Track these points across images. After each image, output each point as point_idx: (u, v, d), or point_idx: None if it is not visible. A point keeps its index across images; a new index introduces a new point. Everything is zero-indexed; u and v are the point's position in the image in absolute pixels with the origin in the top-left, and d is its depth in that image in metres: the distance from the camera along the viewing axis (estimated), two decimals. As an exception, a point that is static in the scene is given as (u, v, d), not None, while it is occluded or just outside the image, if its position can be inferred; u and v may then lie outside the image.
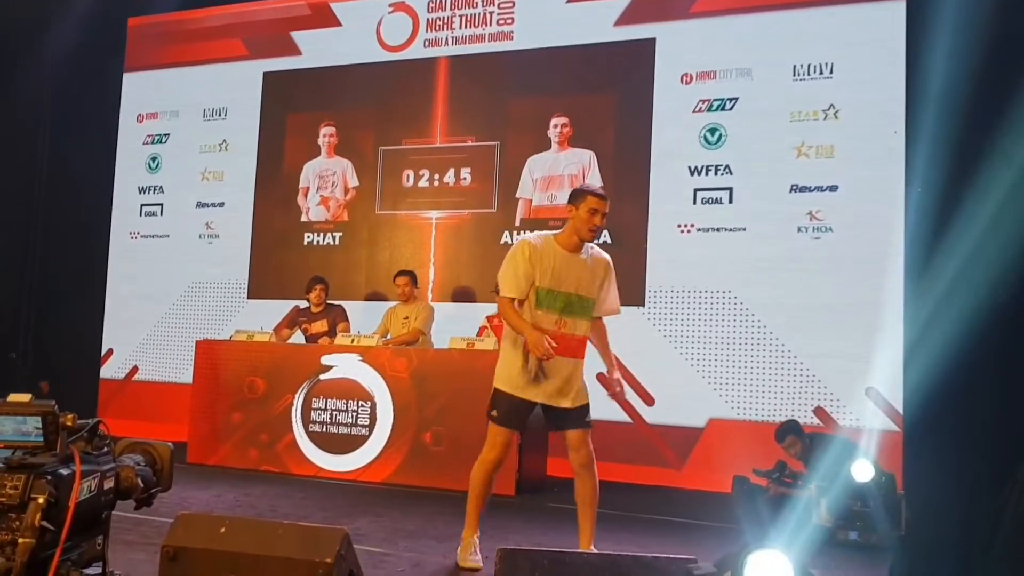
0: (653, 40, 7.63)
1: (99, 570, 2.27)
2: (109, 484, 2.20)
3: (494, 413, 4.11)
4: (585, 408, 4.08)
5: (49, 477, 2.02)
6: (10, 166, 9.76)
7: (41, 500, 1.99)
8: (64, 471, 2.06)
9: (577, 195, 4.13)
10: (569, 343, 4.05)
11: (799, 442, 5.91)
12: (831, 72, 7.13)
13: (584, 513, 4.02)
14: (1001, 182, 6.12)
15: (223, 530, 2.77)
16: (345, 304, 7.83)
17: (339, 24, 8.82)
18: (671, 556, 2.45)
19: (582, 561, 2.45)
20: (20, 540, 1.97)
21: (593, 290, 4.16)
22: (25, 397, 2.10)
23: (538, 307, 4.02)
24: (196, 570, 2.71)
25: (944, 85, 6.37)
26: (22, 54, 9.55)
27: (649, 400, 7.32)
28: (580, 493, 4.04)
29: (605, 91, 7.85)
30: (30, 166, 10.08)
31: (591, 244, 4.21)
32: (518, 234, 7.97)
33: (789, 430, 6.01)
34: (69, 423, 2.10)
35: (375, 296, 8.35)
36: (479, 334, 7.00)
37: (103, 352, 9.46)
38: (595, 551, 2.49)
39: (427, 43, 8.50)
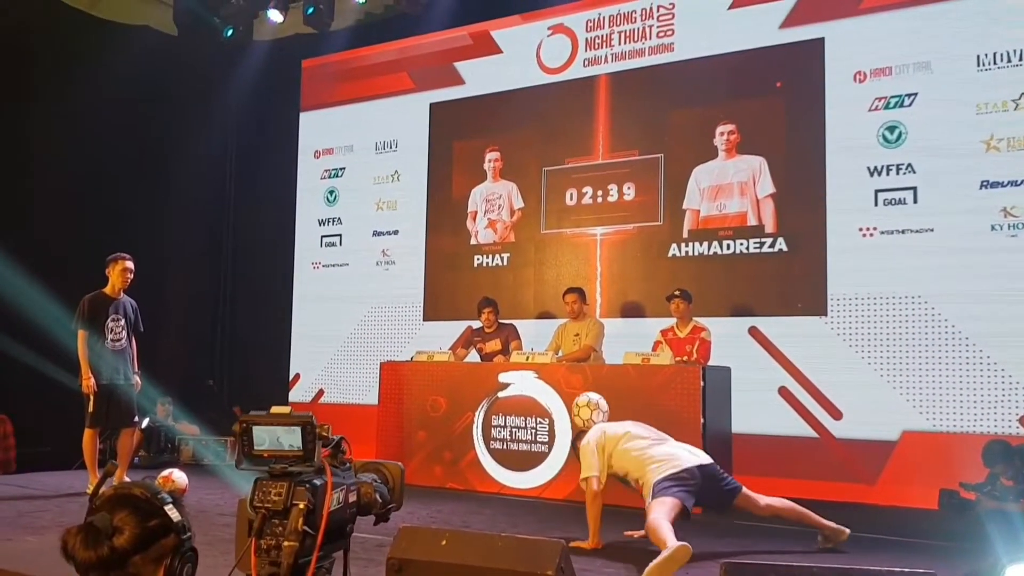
0: (822, 40, 7.40)
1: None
2: (352, 498, 2.30)
3: None
4: None
5: (308, 485, 2.13)
6: (202, 208, 10.54)
7: (302, 506, 2.09)
8: (318, 481, 2.17)
9: None
10: None
11: (1010, 468, 5.53)
12: (1020, 59, 6.70)
13: None
14: None
15: (444, 543, 2.87)
16: (516, 323, 7.97)
17: (500, 51, 9.04)
18: (908, 570, 2.34)
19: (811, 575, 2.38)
20: (285, 544, 2.09)
21: None
22: (285, 409, 2.21)
23: None
24: (421, 581, 2.83)
25: None
26: (208, 102, 10.32)
27: (836, 414, 7.04)
28: None
29: (773, 95, 7.67)
30: (219, 206, 10.86)
31: None
32: (686, 246, 7.88)
33: (999, 457, 5.62)
34: (324, 433, 2.21)
35: (545, 314, 8.45)
36: (654, 348, 6.94)
37: (291, 377, 10.02)
38: (825, 565, 2.40)
39: (587, 62, 8.57)
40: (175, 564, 1.62)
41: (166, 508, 1.64)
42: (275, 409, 2.19)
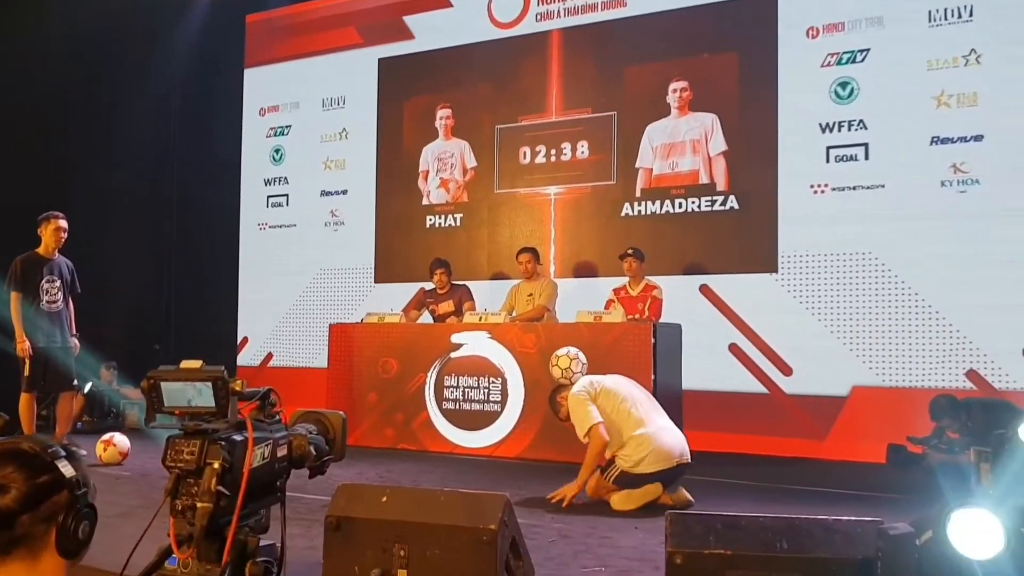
0: (775, -6, 7.33)
1: (272, 541, 2.27)
2: (282, 452, 2.20)
3: None
4: None
5: (223, 443, 2.02)
6: (145, 167, 10.20)
7: (216, 465, 1.99)
8: (237, 437, 2.06)
9: None
10: None
11: (956, 421, 5.59)
12: (970, 15, 6.69)
13: None
14: None
15: (385, 499, 2.78)
16: (469, 284, 7.86)
17: (450, 5, 8.83)
18: (854, 518, 2.31)
19: (758, 525, 2.33)
20: (199, 505, 1.98)
21: None
22: (196, 363, 2.08)
23: None
24: (360, 539, 2.73)
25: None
26: (149, 59, 9.96)
27: (786, 370, 7.07)
28: None
29: (725, 52, 7.58)
30: (162, 168, 10.53)
31: None
32: (638, 205, 7.82)
33: (945, 411, 5.67)
34: (238, 388, 2.08)
35: (499, 275, 8.36)
36: (606, 307, 6.89)
37: (239, 340, 9.82)
38: (773, 515, 2.36)
39: (539, 17, 8.41)
40: (69, 522, 1.49)
41: (58, 463, 1.51)
42: (185, 363, 2.06)
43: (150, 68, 9.96)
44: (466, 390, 6.82)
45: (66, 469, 1.51)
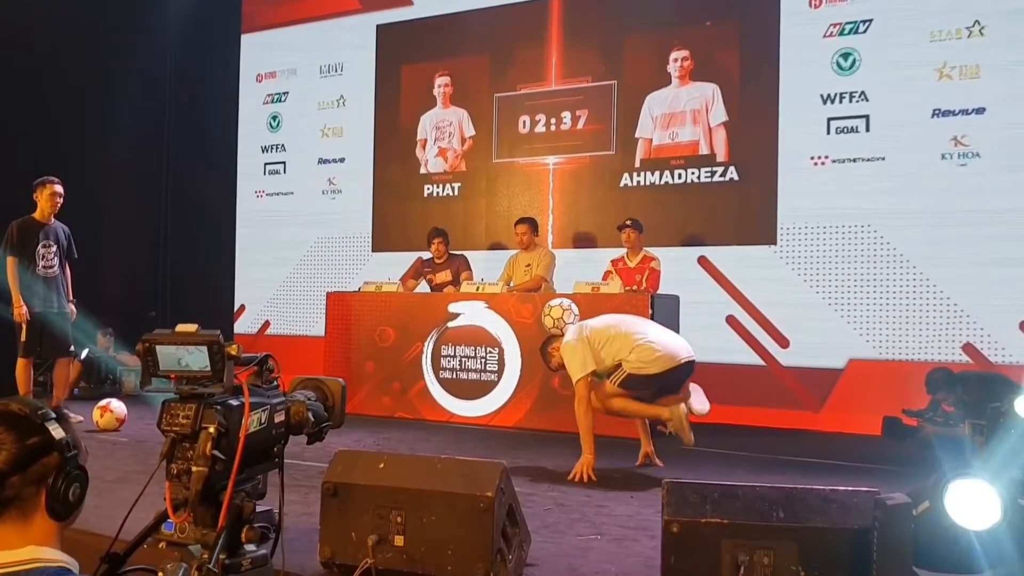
0: (778, -37, 7.24)
1: (270, 507, 2.27)
2: (280, 418, 2.18)
3: None
4: None
5: (219, 407, 2.00)
6: (140, 135, 10.11)
7: (212, 429, 1.97)
8: (233, 402, 2.04)
9: None
10: None
11: (952, 394, 5.60)
12: (974, -15, 6.61)
13: None
14: None
15: (382, 466, 2.79)
16: (467, 254, 7.84)
17: (449, -30, 8.73)
18: (850, 488, 2.31)
19: (754, 494, 2.34)
20: (194, 469, 1.97)
21: None
22: (192, 327, 2.07)
23: None
24: (358, 505, 2.74)
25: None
26: (145, 23, 9.85)
27: (783, 342, 7.08)
28: None
29: (727, 21, 7.51)
30: (159, 134, 10.43)
31: None
32: (638, 175, 7.78)
33: (941, 384, 5.68)
34: (233, 352, 2.07)
35: (496, 245, 8.33)
36: (604, 278, 6.88)
37: (236, 308, 9.81)
38: (770, 484, 2.36)
39: (539, -17, 8.31)
40: (59, 484, 1.49)
41: (48, 425, 1.50)
42: (180, 327, 2.03)
43: (146, 32, 9.86)
44: (463, 359, 6.83)
45: (56, 431, 1.50)
